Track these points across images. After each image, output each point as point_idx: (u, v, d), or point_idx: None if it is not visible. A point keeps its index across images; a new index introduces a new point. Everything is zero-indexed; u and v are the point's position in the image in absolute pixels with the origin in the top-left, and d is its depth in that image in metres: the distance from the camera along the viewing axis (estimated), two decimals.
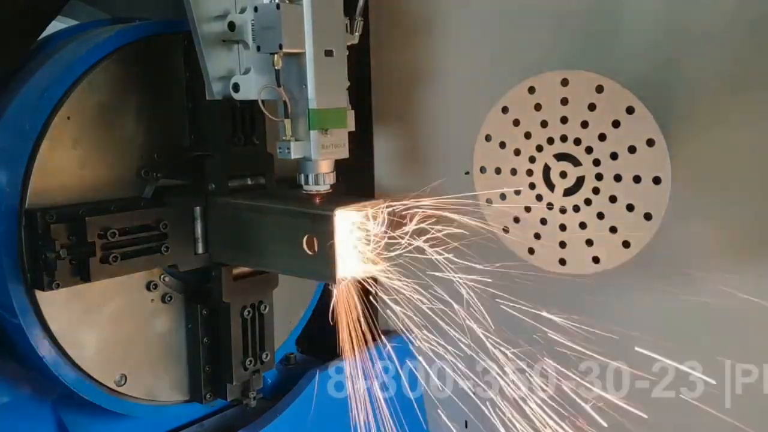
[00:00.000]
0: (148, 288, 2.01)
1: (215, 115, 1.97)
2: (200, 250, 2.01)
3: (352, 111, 1.81)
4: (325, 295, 2.57)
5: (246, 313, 2.11)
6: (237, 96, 1.84)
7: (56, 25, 2.17)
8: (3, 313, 1.84)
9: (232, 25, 1.80)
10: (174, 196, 1.98)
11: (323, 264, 1.76)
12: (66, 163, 1.82)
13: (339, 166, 1.84)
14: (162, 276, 2.05)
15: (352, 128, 1.81)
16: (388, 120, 2.60)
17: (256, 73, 1.81)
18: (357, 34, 1.86)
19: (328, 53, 1.71)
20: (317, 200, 1.81)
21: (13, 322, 1.80)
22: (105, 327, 1.93)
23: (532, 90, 2.15)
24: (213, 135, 1.99)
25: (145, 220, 1.89)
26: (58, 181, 1.80)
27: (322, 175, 1.78)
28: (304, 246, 1.79)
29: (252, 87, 1.81)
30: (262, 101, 1.78)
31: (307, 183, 1.80)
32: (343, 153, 1.79)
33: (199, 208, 2.00)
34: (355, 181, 2.41)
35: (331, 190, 1.82)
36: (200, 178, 2.01)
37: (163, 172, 2.01)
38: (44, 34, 2.12)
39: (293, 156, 1.73)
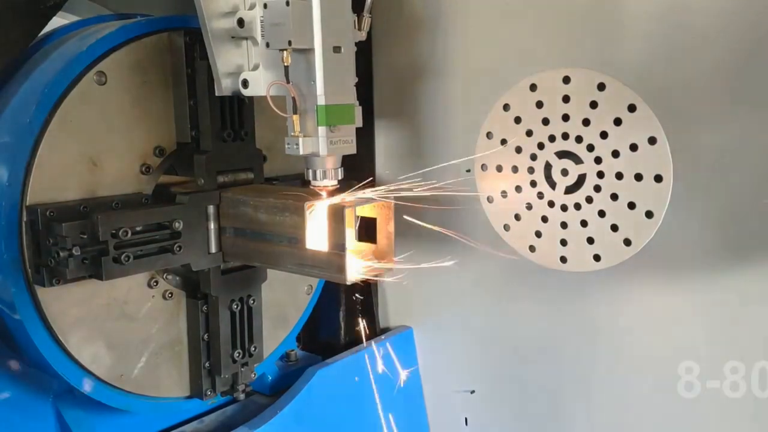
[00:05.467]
0: (149, 285, 2.01)
1: (204, 111, 1.98)
2: (213, 249, 2.01)
3: (360, 107, 1.82)
4: (326, 292, 2.58)
5: (234, 306, 2.12)
6: (246, 92, 1.84)
7: (57, 21, 2.16)
8: (4, 309, 1.84)
9: (241, 22, 1.80)
10: (186, 194, 1.97)
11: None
12: (67, 159, 1.81)
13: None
14: (164, 273, 2.05)
15: (360, 124, 1.82)
16: (389, 116, 2.59)
17: (265, 69, 1.82)
18: (365, 31, 1.87)
19: (337, 50, 1.72)
20: (325, 195, 1.83)
21: (13, 318, 1.80)
22: (106, 323, 1.93)
23: (533, 87, 2.15)
24: (203, 130, 2.00)
25: (158, 218, 1.88)
26: (60, 177, 1.80)
27: (331, 171, 1.80)
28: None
29: (261, 83, 1.82)
30: (270, 97, 1.78)
31: (315, 178, 1.81)
32: (351, 149, 1.80)
33: (213, 207, 1.99)
34: (356, 178, 2.41)
35: (338, 185, 1.84)
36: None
37: (164, 168, 2.01)
38: (46, 29, 2.11)
39: (302, 152, 1.73)
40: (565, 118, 2.09)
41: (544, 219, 2.19)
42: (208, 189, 2.00)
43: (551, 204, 2.17)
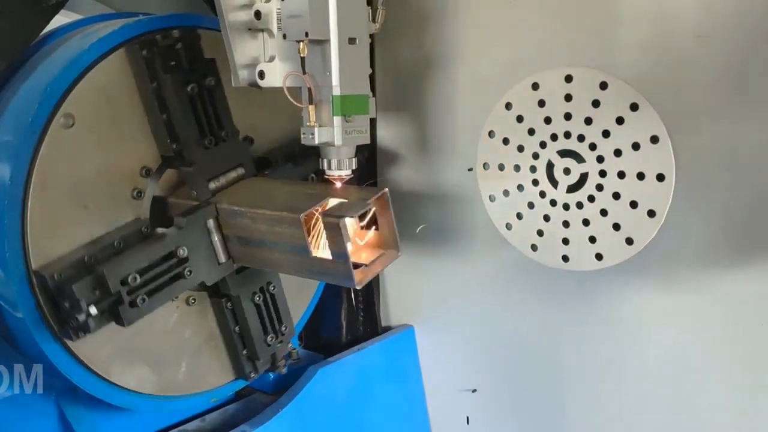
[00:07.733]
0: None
1: (179, 123, 1.91)
2: (222, 259, 2.00)
3: (374, 98, 1.85)
4: (328, 291, 2.58)
5: (257, 298, 2.15)
6: (262, 83, 1.86)
7: (59, 20, 2.16)
8: (7, 307, 1.84)
9: (258, 14, 1.82)
10: (183, 215, 1.92)
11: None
12: (57, 212, 1.77)
13: None
14: None
15: (374, 115, 1.85)
16: (390, 112, 2.59)
17: (281, 60, 1.84)
18: (379, 23, 1.91)
19: (352, 41, 1.75)
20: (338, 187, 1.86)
21: (17, 317, 1.80)
22: (139, 348, 1.95)
23: (536, 86, 2.15)
24: (183, 141, 1.93)
25: (161, 252, 1.85)
26: (55, 232, 1.76)
27: (345, 161, 1.83)
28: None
29: (277, 74, 1.84)
30: (287, 88, 1.79)
31: (329, 168, 1.83)
32: (365, 139, 1.83)
33: (212, 220, 1.96)
34: (356, 173, 2.41)
35: (352, 175, 1.87)
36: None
37: (155, 186, 1.98)
38: (47, 28, 2.11)
39: (317, 141, 1.75)
40: (567, 116, 2.09)
41: (546, 218, 2.19)
42: (202, 200, 1.97)
43: (553, 203, 2.17)
